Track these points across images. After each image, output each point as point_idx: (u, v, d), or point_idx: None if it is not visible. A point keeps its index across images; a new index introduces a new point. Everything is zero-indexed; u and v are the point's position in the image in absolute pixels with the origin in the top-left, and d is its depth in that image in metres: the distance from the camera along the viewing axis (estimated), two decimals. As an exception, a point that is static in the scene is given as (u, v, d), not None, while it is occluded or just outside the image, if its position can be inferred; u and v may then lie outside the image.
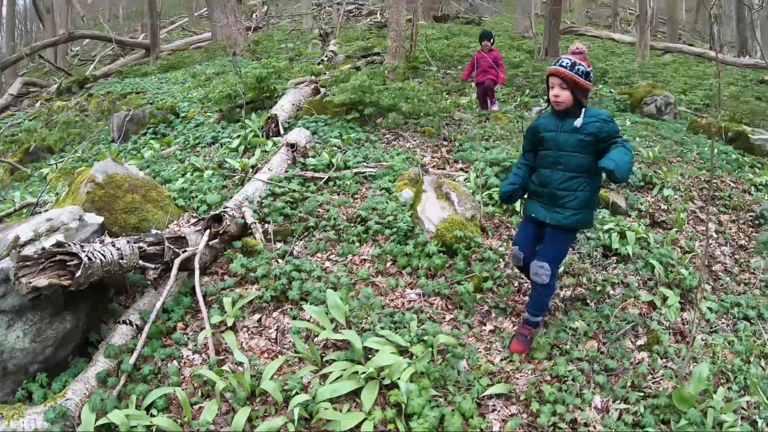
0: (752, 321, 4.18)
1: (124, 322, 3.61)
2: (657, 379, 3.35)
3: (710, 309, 4.22)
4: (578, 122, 3.19)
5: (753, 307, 4.32)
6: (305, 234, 4.62)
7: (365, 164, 5.76)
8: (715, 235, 5.43)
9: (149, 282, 4.12)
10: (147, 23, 20.30)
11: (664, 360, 3.55)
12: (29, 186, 7.48)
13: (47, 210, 5.29)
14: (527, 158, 3.57)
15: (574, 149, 3.23)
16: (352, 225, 4.65)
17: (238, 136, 6.64)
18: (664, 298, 4.20)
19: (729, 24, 28.50)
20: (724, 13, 25.19)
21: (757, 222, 5.82)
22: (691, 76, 13.81)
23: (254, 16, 23.77)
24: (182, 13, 33.68)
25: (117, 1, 45.81)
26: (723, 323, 4.13)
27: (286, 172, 5.41)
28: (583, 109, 3.22)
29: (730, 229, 5.60)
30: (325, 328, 3.46)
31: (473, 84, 8.69)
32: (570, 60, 3.21)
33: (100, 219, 4.21)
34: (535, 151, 3.49)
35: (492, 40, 8.45)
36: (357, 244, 4.47)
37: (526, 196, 3.63)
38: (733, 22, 24.56)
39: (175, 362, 3.42)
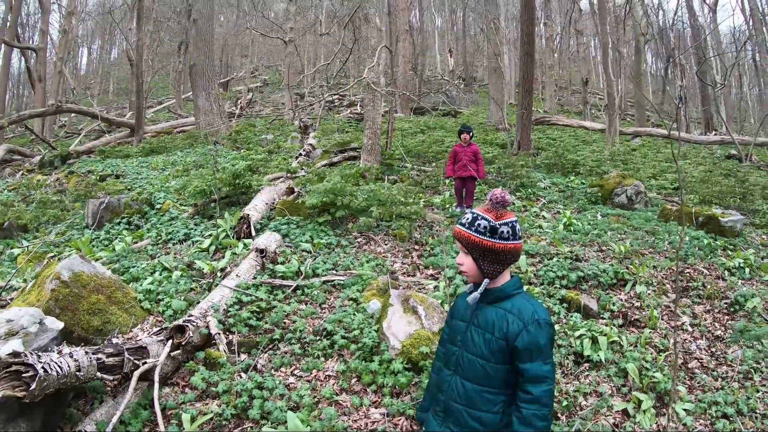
0: (731, 418, 4.08)
1: (80, 432, 3.51)
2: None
3: (687, 411, 4.12)
4: (472, 298, 2.37)
5: (731, 403, 4.22)
6: (270, 346, 4.57)
7: (334, 272, 5.79)
8: (689, 329, 5.37)
9: (108, 389, 4.03)
10: (134, 103, 20.77)
11: (641, 474, 3.44)
12: (-2, 265, 7.39)
13: (12, 299, 5.24)
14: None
15: (481, 353, 2.34)
16: (317, 339, 4.63)
17: (210, 236, 6.68)
18: (639, 404, 4.12)
19: (694, 102, 30.06)
20: (688, 92, 26.63)
21: (732, 309, 5.74)
22: (660, 159, 14.31)
23: (239, 102, 24.45)
24: (170, 94, 34.53)
25: (109, 75, 46.93)
26: (701, 425, 4.04)
27: (254, 278, 5.42)
28: (485, 282, 2.36)
29: (705, 320, 5.54)
30: (284, 453, 3.39)
31: (449, 180, 8.87)
32: (472, 215, 2.40)
33: (61, 325, 4.16)
34: None
35: (471, 134, 8.70)
36: (322, 359, 4.42)
37: None
38: (698, 99, 25.94)
39: (130, 481, 3.29)
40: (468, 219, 2.39)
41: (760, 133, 16.69)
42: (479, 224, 2.34)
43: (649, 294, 5.86)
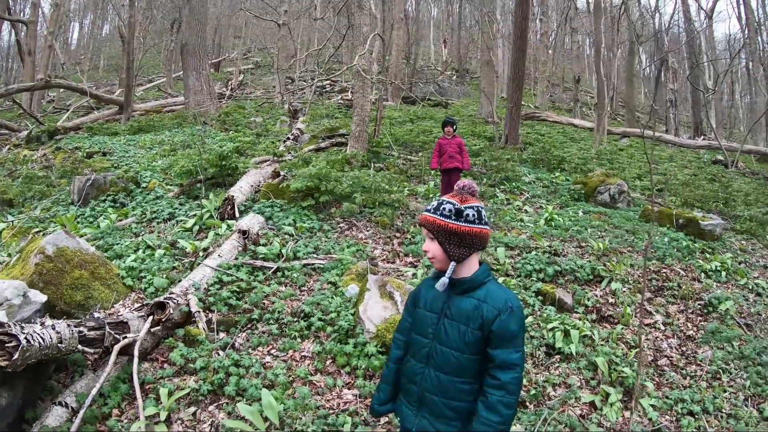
0: (696, 416, 4.13)
1: (60, 403, 3.58)
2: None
3: (653, 406, 4.17)
4: (440, 284, 2.30)
5: (698, 401, 4.28)
6: (248, 326, 4.68)
7: (315, 255, 5.90)
8: (662, 327, 5.45)
9: (89, 362, 4.11)
10: (124, 80, 20.60)
11: (604, 465, 3.50)
12: (-18, 239, 7.40)
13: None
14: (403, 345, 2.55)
15: (456, 345, 2.30)
16: (295, 320, 4.73)
17: (194, 216, 6.75)
18: (607, 397, 4.20)
19: (685, 106, 30.28)
20: (679, 95, 26.80)
21: (705, 311, 5.81)
22: (646, 161, 14.42)
23: (230, 83, 24.31)
24: (161, 72, 34.22)
25: (99, 51, 46.35)
26: (666, 421, 4.10)
27: (236, 259, 5.51)
28: (451, 265, 2.30)
29: (678, 320, 5.61)
30: (258, 429, 3.50)
31: (435, 171, 8.95)
32: (438, 201, 2.37)
33: (44, 298, 4.24)
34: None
35: (455, 127, 8.78)
36: (299, 340, 4.53)
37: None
38: (689, 104, 26.14)
39: (108, 450, 3.34)
40: (434, 205, 2.36)
41: (748, 141, 16.86)
42: (444, 208, 2.30)
43: (624, 291, 5.96)
